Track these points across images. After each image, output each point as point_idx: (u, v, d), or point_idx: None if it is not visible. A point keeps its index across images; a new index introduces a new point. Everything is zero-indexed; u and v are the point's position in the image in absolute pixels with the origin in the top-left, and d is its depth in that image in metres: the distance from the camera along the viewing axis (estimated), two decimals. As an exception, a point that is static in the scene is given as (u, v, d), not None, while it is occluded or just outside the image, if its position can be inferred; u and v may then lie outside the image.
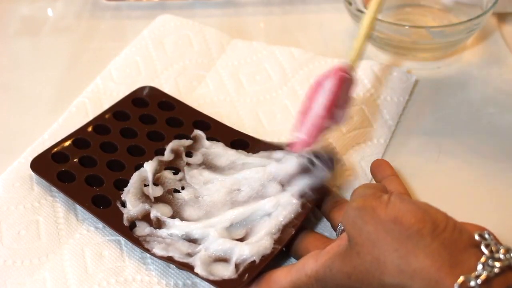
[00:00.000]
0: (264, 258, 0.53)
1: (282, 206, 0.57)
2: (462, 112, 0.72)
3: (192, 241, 0.56)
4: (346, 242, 0.49)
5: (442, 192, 0.63)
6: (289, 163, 0.60)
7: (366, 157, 0.65)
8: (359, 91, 0.72)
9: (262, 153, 0.63)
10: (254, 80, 0.75)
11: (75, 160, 0.63)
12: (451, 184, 0.64)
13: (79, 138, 0.65)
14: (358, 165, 0.65)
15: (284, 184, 0.59)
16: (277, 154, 0.62)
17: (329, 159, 0.58)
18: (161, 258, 0.55)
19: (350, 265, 0.48)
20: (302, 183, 0.58)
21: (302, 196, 0.57)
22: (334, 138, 0.67)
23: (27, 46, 0.83)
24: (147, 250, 0.55)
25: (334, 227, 0.57)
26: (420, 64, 0.78)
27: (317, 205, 0.59)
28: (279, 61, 0.77)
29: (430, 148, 0.67)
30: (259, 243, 0.54)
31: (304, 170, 0.59)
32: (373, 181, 0.62)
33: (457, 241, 0.45)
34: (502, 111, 0.72)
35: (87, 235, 0.59)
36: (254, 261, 0.53)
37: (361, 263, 0.47)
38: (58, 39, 0.84)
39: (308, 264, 0.51)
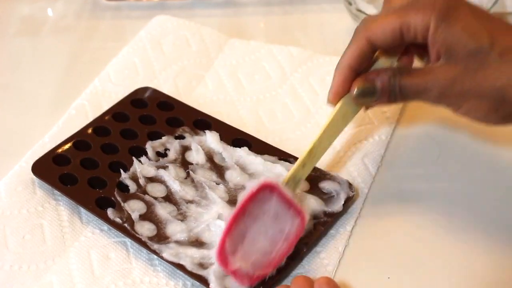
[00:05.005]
0: (278, 271, 0.53)
1: None
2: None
3: (200, 244, 0.56)
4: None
5: (441, 191, 0.63)
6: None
7: (368, 154, 0.66)
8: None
9: (267, 157, 0.63)
10: (253, 79, 0.75)
11: (77, 162, 0.63)
12: (450, 184, 0.64)
13: (79, 140, 0.65)
14: (361, 162, 0.65)
15: None
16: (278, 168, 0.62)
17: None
18: (172, 263, 0.54)
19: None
20: (317, 206, 0.58)
21: (315, 217, 0.57)
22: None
23: (27, 46, 0.83)
24: (155, 252, 0.55)
25: None
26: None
27: None
28: (277, 60, 0.77)
29: (430, 146, 0.67)
30: None
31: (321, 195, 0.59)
32: (375, 178, 0.63)
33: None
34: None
35: (92, 237, 0.58)
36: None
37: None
38: (58, 39, 0.84)
39: None
